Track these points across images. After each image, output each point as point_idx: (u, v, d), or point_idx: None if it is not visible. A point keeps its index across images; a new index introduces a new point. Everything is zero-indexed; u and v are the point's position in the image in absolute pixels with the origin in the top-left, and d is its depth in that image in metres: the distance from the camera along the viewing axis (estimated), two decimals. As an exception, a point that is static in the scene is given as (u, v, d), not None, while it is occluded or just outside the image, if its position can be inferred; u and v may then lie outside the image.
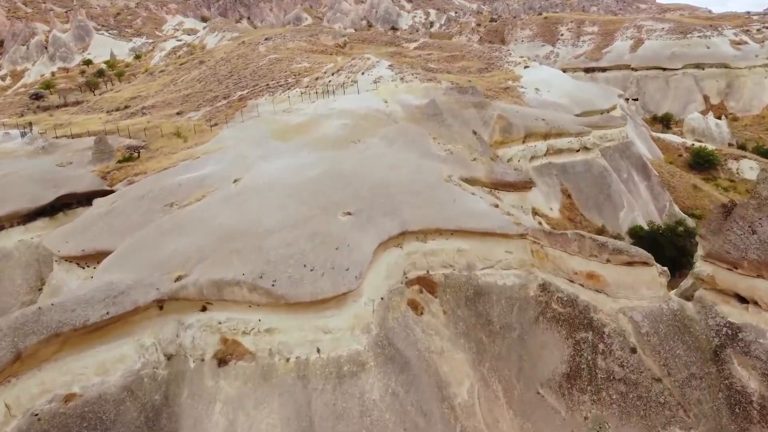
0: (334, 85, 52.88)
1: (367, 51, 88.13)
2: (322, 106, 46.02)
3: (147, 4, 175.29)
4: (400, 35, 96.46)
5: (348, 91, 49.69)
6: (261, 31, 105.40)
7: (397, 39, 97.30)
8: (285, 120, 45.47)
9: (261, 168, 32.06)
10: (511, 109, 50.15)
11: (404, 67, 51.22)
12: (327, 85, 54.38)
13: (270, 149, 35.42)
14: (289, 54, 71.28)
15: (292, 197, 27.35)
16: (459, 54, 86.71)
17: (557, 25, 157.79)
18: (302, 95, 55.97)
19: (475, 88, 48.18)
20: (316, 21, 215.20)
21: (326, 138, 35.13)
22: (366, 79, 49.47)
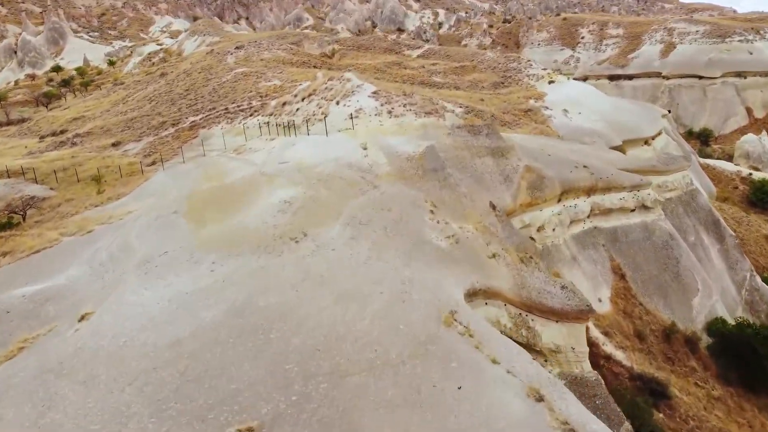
0: (302, 114, 39.24)
1: (362, 60, 74.38)
2: (276, 152, 32.23)
3: (135, 3, 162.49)
4: (401, 41, 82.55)
5: (316, 128, 35.95)
6: (242, 36, 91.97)
7: (397, 46, 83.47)
8: (222, 171, 31.85)
9: (126, 297, 18.48)
10: (541, 153, 36.14)
11: (393, 95, 37.16)
12: (293, 114, 40.75)
13: (164, 245, 21.85)
14: (261, 67, 57.78)
15: (134, 400, 13.81)
16: (469, 64, 72.70)
17: (577, 27, 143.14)
18: (263, 127, 42.39)
19: (493, 127, 34.09)
20: (318, 22, 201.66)
21: (253, 230, 21.49)
22: (341, 112, 35.73)
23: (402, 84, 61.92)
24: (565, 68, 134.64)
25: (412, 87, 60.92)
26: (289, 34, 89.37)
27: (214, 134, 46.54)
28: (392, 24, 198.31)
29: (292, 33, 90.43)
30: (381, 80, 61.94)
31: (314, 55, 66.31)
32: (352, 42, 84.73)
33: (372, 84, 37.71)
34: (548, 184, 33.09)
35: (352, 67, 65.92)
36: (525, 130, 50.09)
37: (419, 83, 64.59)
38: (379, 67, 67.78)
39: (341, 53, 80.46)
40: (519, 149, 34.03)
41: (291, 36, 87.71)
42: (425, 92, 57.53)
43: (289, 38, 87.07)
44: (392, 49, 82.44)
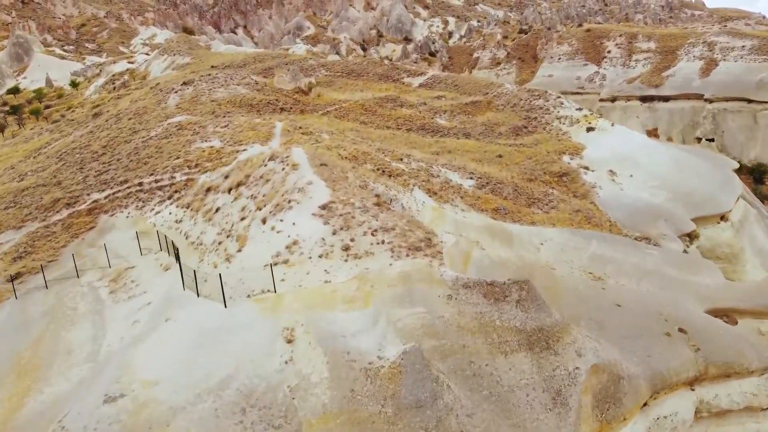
0: (218, 223, 24.51)
1: (349, 93, 59.58)
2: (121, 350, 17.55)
3: (120, 12, 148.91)
4: (400, 66, 67.52)
5: (224, 270, 20.98)
6: (214, 58, 77.48)
7: (395, 71, 68.44)
8: (39, 362, 17.30)
9: None
10: (603, 300, 21.13)
11: (356, 210, 21.49)
12: (212, 214, 26.05)
13: None
14: (208, 114, 43.23)
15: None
16: (483, 99, 57.61)
17: (602, 39, 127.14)
18: (171, 230, 27.83)
19: (530, 289, 18.79)
20: (320, 31, 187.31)
21: None
22: (265, 242, 20.71)
23: (395, 133, 47.05)
24: (590, 86, 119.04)
25: (408, 137, 46.12)
26: (268, 56, 74.59)
27: (116, 226, 32.00)
28: (399, 33, 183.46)
29: (271, 55, 75.65)
30: (367, 127, 47.20)
31: (285, 91, 51.74)
32: (342, 67, 69.88)
33: (325, 183, 22.78)
34: (629, 389, 18.05)
35: (332, 108, 51.14)
36: (562, 214, 34.93)
37: (419, 129, 49.66)
38: (369, 106, 52.93)
39: (327, 82, 65.66)
40: (580, 342, 18.74)
41: (269, 59, 73.01)
42: (424, 149, 42.60)
43: (267, 61, 72.43)
44: (389, 76, 67.49)
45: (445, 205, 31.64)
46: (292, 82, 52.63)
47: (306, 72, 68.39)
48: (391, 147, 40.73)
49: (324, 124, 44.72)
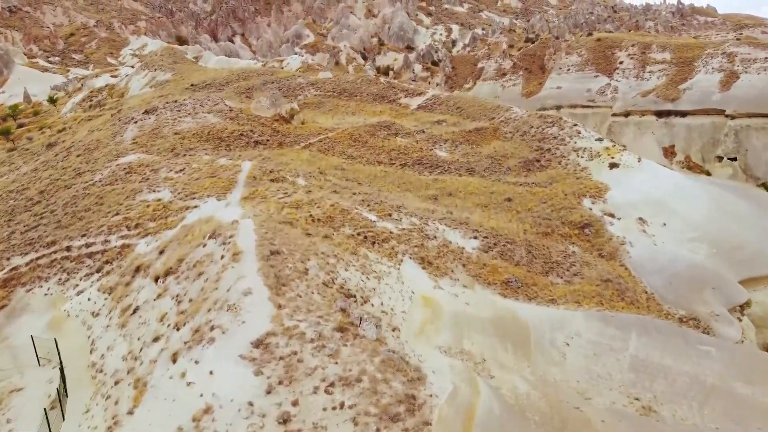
0: (131, 336, 18.03)
1: (339, 117, 53.12)
2: None
3: (111, 21, 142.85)
4: (397, 84, 60.87)
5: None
6: (197, 74, 71.02)
7: (391, 90, 61.78)
8: None
9: None
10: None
11: (307, 350, 14.94)
12: (129, 315, 19.60)
13: None
14: (166, 151, 36.74)
15: None
16: (489, 126, 50.92)
17: (614, 49, 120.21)
18: (93, 316, 21.33)
19: None
20: (320, 39, 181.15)
21: None
22: (169, 402, 13.88)
23: (387, 171, 40.38)
24: (601, 99, 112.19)
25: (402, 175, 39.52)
26: (254, 73, 68.09)
27: (31, 306, 25.50)
28: (400, 41, 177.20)
29: (257, 72, 69.15)
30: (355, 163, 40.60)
31: (263, 119, 45.14)
32: (333, 85, 63.29)
33: (269, 292, 16.25)
34: None
35: (316, 138, 44.54)
36: (588, 286, 28.18)
37: (415, 163, 42.99)
38: (359, 135, 46.32)
39: (316, 103, 59.19)
40: None
41: (254, 77, 66.54)
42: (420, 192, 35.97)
43: (252, 79, 65.98)
44: (384, 96, 60.87)
45: (442, 281, 24.97)
46: (272, 107, 46.06)
47: (294, 91, 61.97)
48: (379, 193, 34.10)
49: (303, 162, 38.12)
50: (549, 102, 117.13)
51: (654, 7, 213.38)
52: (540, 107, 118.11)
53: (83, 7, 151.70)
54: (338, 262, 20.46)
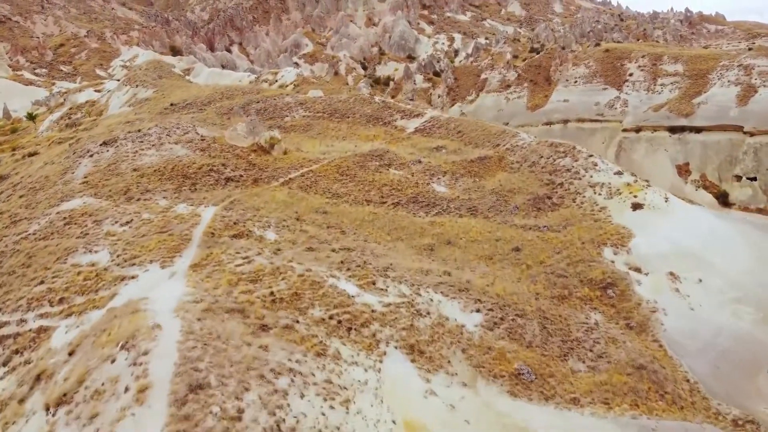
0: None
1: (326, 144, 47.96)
2: None
3: (103, 31, 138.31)
4: (392, 105, 55.55)
5: None
6: (179, 92, 65.89)
7: (387, 111, 56.49)
8: None
9: None
10: None
11: None
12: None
13: None
14: (120, 192, 31.60)
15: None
16: (493, 154, 45.58)
17: (623, 60, 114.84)
18: None
19: None
20: (319, 48, 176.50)
21: None
22: None
23: (376, 213, 35.08)
24: (610, 113, 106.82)
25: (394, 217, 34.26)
26: (239, 91, 62.89)
27: None
28: (402, 51, 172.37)
29: (243, 89, 63.93)
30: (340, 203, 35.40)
31: (239, 150, 39.94)
32: (324, 105, 58.08)
33: None
34: None
35: (298, 173, 39.23)
36: (617, 376, 22.95)
37: (410, 201, 37.65)
38: (347, 167, 41.02)
39: (303, 126, 54.02)
40: None
41: (238, 96, 61.42)
42: (414, 240, 30.65)
43: (237, 98, 60.88)
44: (379, 118, 55.63)
45: (436, 378, 19.65)
46: (250, 136, 40.86)
47: (280, 112, 56.86)
48: (365, 247, 28.76)
49: (279, 205, 32.83)
50: (555, 116, 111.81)
51: (661, 15, 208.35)
52: (546, 121, 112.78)
53: (75, 16, 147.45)
54: (293, 382, 15.15)
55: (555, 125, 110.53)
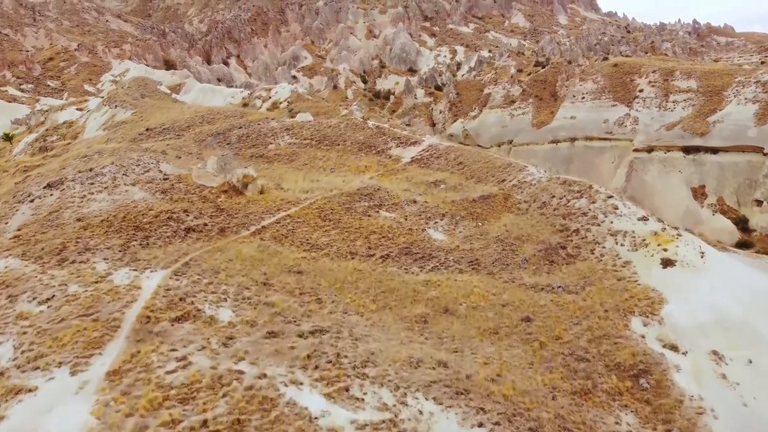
0: None
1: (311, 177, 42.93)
2: None
3: (95, 44, 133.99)
4: (387, 131, 50.41)
5: None
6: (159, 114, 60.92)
7: (381, 138, 51.31)
8: None
9: None
10: None
11: None
12: None
13: None
14: (54, 251, 26.49)
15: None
16: (498, 192, 40.31)
17: (633, 75, 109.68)
18: None
19: None
20: (318, 61, 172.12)
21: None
22: None
23: (361, 270, 29.79)
24: (620, 131, 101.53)
25: (382, 276, 29.03)
26: (221, 115, 57.80)
27: None
28: (403, 63, 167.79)
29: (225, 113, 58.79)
30: (320, 258, 30.12)
31: (207, 191, 34.83)
32: (313, 131, 52.95)
33: None
34: None
35: (273, 218, 33.95)
36: None
37: (402, 253, 32.36)
38: (330, 210, 35.77)
39: (289, 155, 48.93)
40: None
41: (220, 119, 56.41)
42: (404, 308, 25.37)
43: (218, 122, 55.89)
44: (372, 146, 50.49)
45: None
46: (220, 174, 35.73)
47: (264, 139, 51.82)
48: (342, 324, 23.47)
49: (245, 264, 27.57)
50: (562, 133, 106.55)
51: (669, 26, 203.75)
52: (552, 139, 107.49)
53: (68, 29, 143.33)
54: None
55: (562, 143, 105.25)
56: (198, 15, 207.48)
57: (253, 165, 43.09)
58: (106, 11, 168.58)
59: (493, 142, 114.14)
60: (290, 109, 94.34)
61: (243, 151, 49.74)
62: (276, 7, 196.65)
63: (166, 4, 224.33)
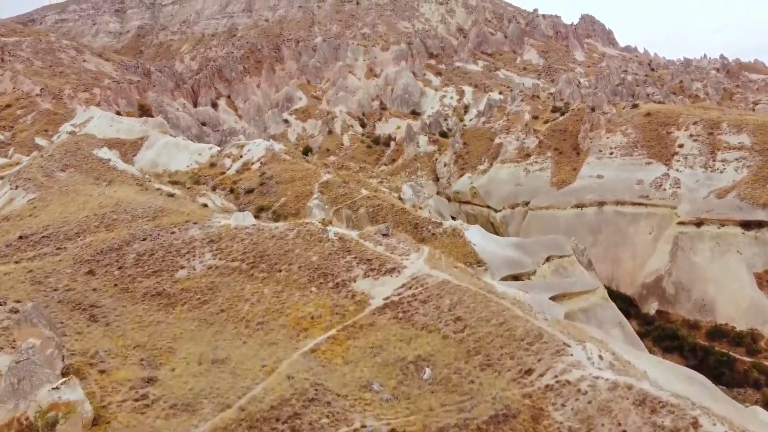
0: None
1: (229, 335, 25.63)
2: None
3: (62, 88, 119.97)
4: (356, 248, 33.38)
5: None
6: (56, 206, 44.97)
7: (344, 260, 34.56)
8: None
9: None
10: None
11: None
12: None
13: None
14: None
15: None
16: (524, 404, 22.86)
17: (669, 127, 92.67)
18: None
19: None
20: (313, 102, 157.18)
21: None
22: None
23: None
24: (658, 196, 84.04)
25: None
26: (126, 215, 41.40)
27: None
28: (405, 105, 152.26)
29: (132, 212, 42.26)
30: None
31: None
32: (247, 246, 36.20)
33: None
34: None
35: None
36: None
37: None
38: None
39: (205, 287, 32.28)
40: None
41: (125, 223, 40.00)
42: None
43: (120, 227, 39.46)
44: (329, 274, 33.58)
45: None
46: (10, 400, 19.19)
47: (175, 261, 35.17)
48: None
49: None
50: (588, 196, 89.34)
51: (694, 62, 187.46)
52: (576, 203, 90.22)
53: (37, 70, 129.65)
54: None
55: (587, 208, 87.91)
56: (190, 52, 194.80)
57: (113, 339, 26.38)
58: (87, 50, 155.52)
59: (506, 203, 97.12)
60: (262, 173, 78.59)
61: (136, 284, 33.14)
62: (272, 43, 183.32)
63: (159, 41, 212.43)
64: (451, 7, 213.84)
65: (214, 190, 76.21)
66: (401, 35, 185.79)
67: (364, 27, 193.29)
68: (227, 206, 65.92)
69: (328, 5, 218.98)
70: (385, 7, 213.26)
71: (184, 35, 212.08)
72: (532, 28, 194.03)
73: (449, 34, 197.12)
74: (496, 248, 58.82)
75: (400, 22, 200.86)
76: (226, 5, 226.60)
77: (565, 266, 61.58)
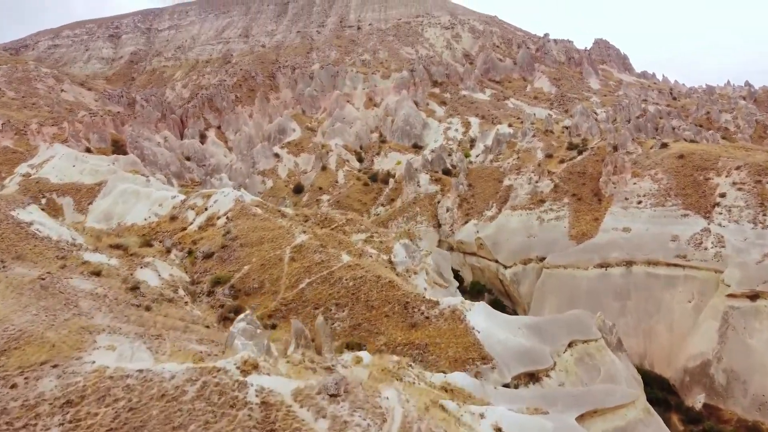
0: None
1: None
2: None
3: (29, 122, 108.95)
4: (283, 417, 19.59)
5: None
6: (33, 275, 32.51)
7: (284, 424, 21.61)
8: None
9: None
10: None
11: None
12: None
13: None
14: None
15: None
16: None
17: (708, 172, 79.29)
18: None
19: None
20: (308, 134, 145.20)
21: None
22: None
23: None
24: (698, 256, 70.15)
25: None
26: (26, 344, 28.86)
27: None
28: (406, 138, 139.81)
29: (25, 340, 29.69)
30: None
31: None
32: (119, 411, 23.37)
33: None
34: None
35: None
36: None
37: None
38: None
39: None
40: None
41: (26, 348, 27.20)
42: None
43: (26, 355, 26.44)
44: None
45: None
46: None
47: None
48: None
49: None
50: (613, 254, 75.69)
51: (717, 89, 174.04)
52: (599, 261, 76.45)
53: (6, 102, 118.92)
54: None
55: (613, 268, 74.50)
56: (183, 79, 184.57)
57: None
58: (67, 78, 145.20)
59: (517, 258, 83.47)
60: (227, 231, 65.86)
61: None
62: (267, 70, 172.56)
63: (152, 67, 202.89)
64: (457, 32, 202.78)
65: (169, 252, 63.26)
66: (404, 62, 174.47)
67: (365, 53, 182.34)
68: (175, 280, 53.09)
69: (328, 30, 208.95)
70: (387, 32, 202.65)
71: (177, 61, 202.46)
72: (543, 54, 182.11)
73: (455, 60, 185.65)
74: (506, 334, 45.82)
75: (402, 48, 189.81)
76: (223, 30, 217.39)
77: (592, 353, 48.34)
